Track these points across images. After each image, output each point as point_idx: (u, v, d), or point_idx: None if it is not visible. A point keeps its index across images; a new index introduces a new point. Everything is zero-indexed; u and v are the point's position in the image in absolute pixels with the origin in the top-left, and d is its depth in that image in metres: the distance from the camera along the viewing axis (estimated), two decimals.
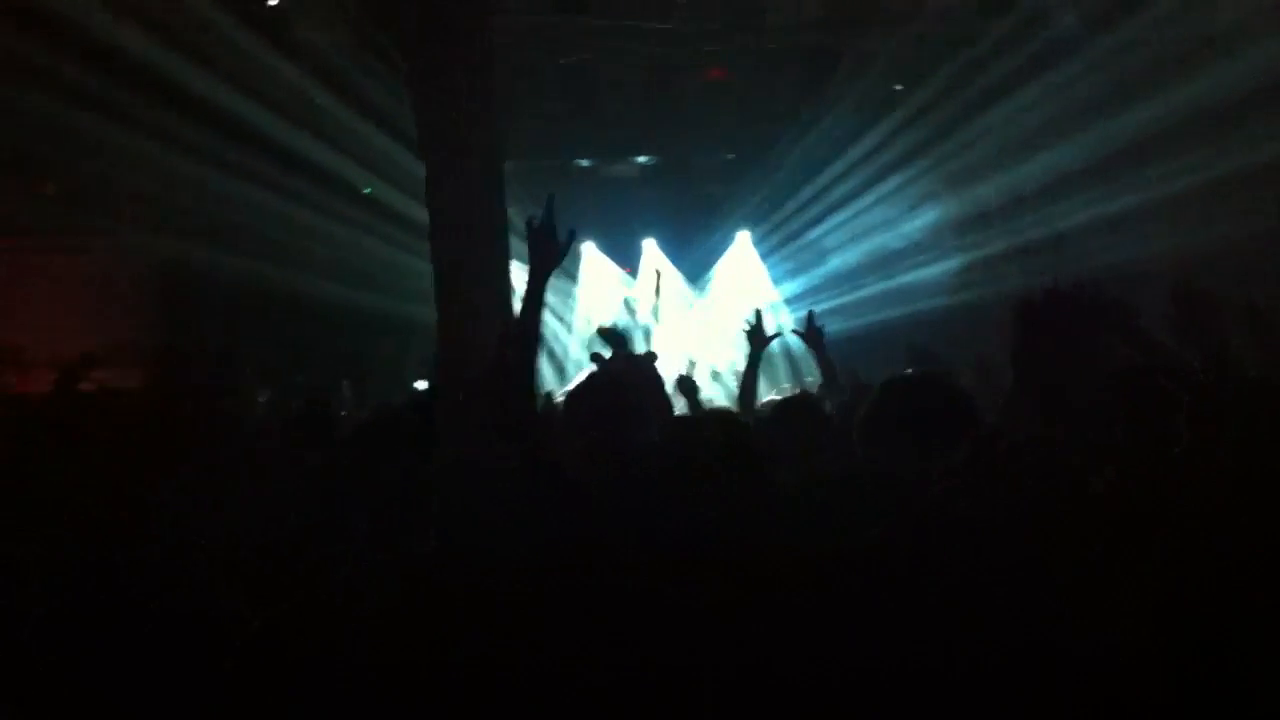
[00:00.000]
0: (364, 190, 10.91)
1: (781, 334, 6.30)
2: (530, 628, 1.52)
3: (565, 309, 13.78)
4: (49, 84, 8.22)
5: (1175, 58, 7.71)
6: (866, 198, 11.42)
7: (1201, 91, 7.44)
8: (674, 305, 13.76)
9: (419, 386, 10.09)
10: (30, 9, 7.81)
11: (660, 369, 5.36)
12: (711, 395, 7.70)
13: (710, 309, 13.62)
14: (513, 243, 8.46)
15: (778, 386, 7.75)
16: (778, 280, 13.07)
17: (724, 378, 9.06)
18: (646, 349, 12.07)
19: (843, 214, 11.77)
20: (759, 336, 5.42)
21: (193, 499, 2.70)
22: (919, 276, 11.26)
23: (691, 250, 13.83)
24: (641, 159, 12.50)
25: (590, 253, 13.73)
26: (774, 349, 7.87)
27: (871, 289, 11.57)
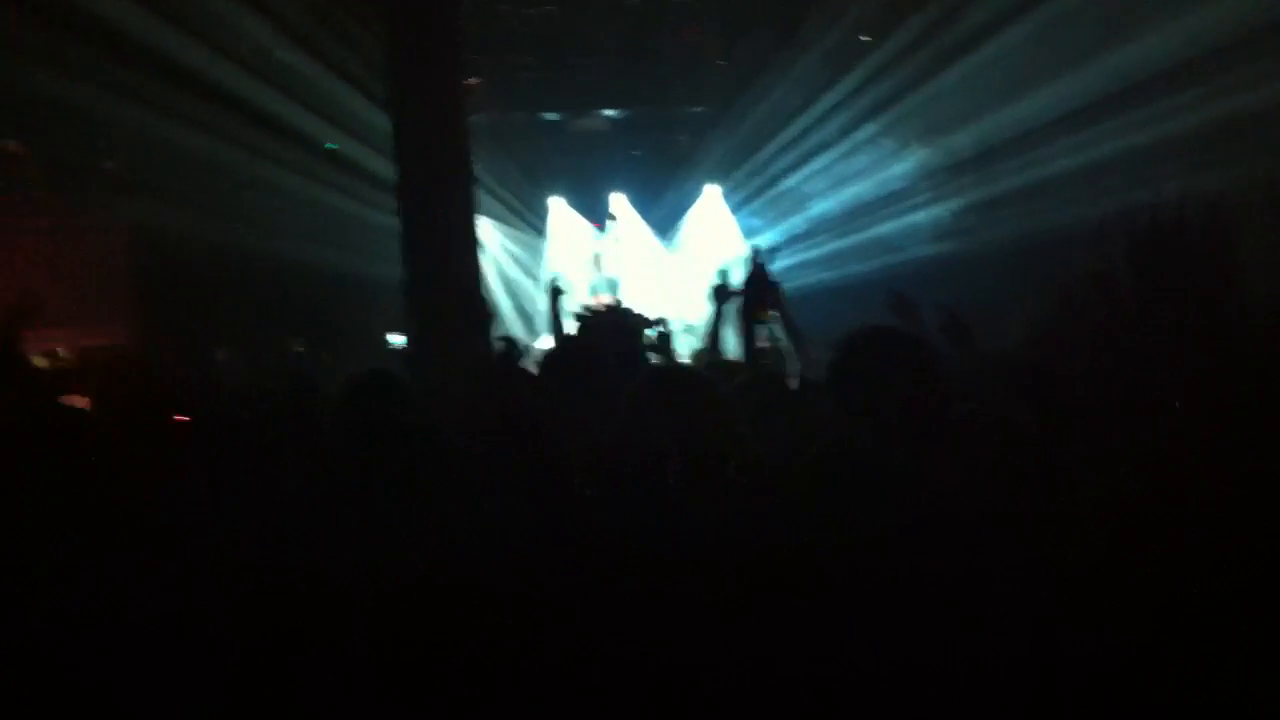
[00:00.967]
0: (326, 145, 10.76)
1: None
2: (529, 626, 1.49)
3: (534, 263, 13.74)
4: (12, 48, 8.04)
5: None
6: (839, 148, 11.38)
7: (1194, 28, 7.32)
8: (641, 258, 13.74)
9: (392, 342, 10.03)
10: None
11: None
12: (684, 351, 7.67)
13: (680, 262, 13.61)
14: (479, 197, 8.40)
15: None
16: (748, 233, 13.05)
17: (697, 330, 9.04)
18: (616, 300, 12.08)
19: (813, 165, 11.73)
20: (722, 292, 4.82)
21: (182, 491, 2.65)
22: (893, 227, 11.25)
23: (660, 204, 13.79)
24: (610, 112, 12.39)
25: (558, 207, 13.67)
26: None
27: (844, 240, 11.56)
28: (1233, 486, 1.68)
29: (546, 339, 9.68)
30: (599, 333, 3.81)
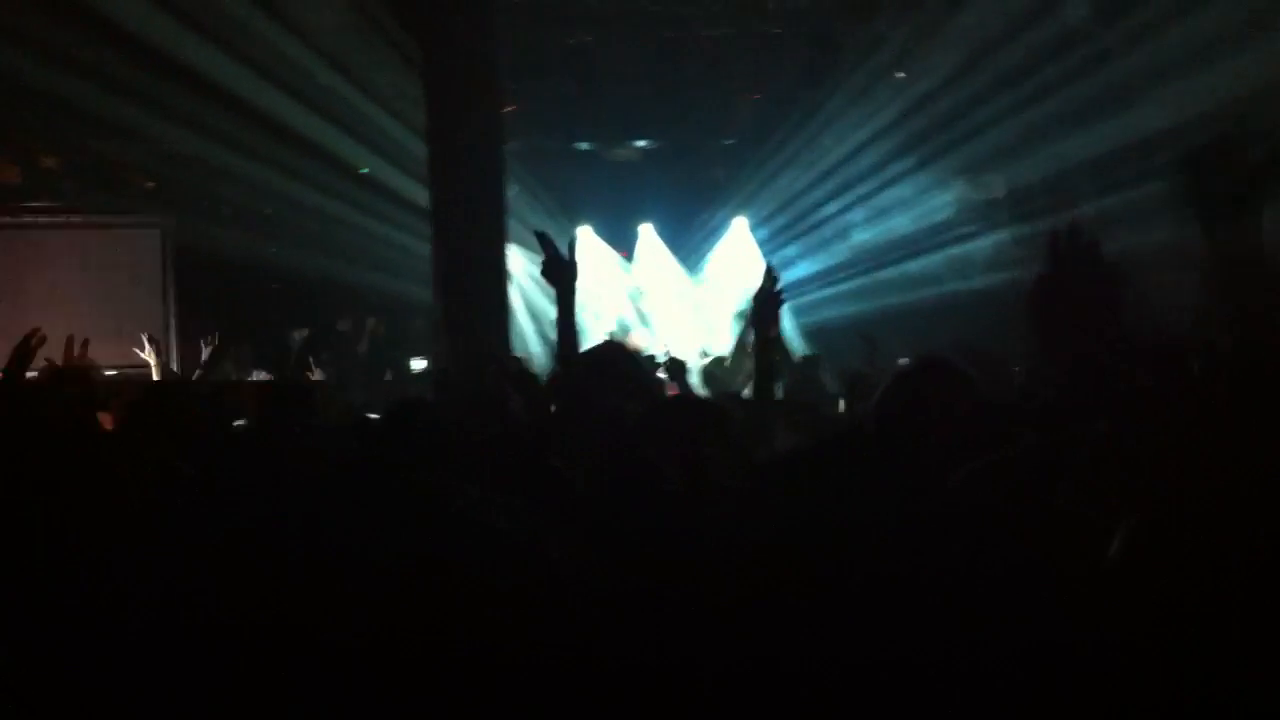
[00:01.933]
0: (361, 170, 10.84)
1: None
2: (529, 626, 1.49)
3: None
4: (55, 58, 8.15)
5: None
6: (870, 183, 11.39)
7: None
8: (667, 290, 13.77)
9: (415, 366, 10.06)
10: None
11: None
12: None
13: (705, 294, 13.62)
14: (510, 225, 8.45)
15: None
16: (778, 268, 13.02)
17: (718, 355, 9.05)
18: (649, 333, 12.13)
19: (845, 200, 11.74)
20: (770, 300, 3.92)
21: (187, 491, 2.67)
22: (927, 262, 11.22)
23: (688, 236, 13.82)
24: (641, 143, 12.45)
25: (586, 236, 13.70)
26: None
27: (875, 276, 11.53)
28: (1232, 484, 1.67)
29: None
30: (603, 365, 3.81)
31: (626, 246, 13.81)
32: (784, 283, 4.12)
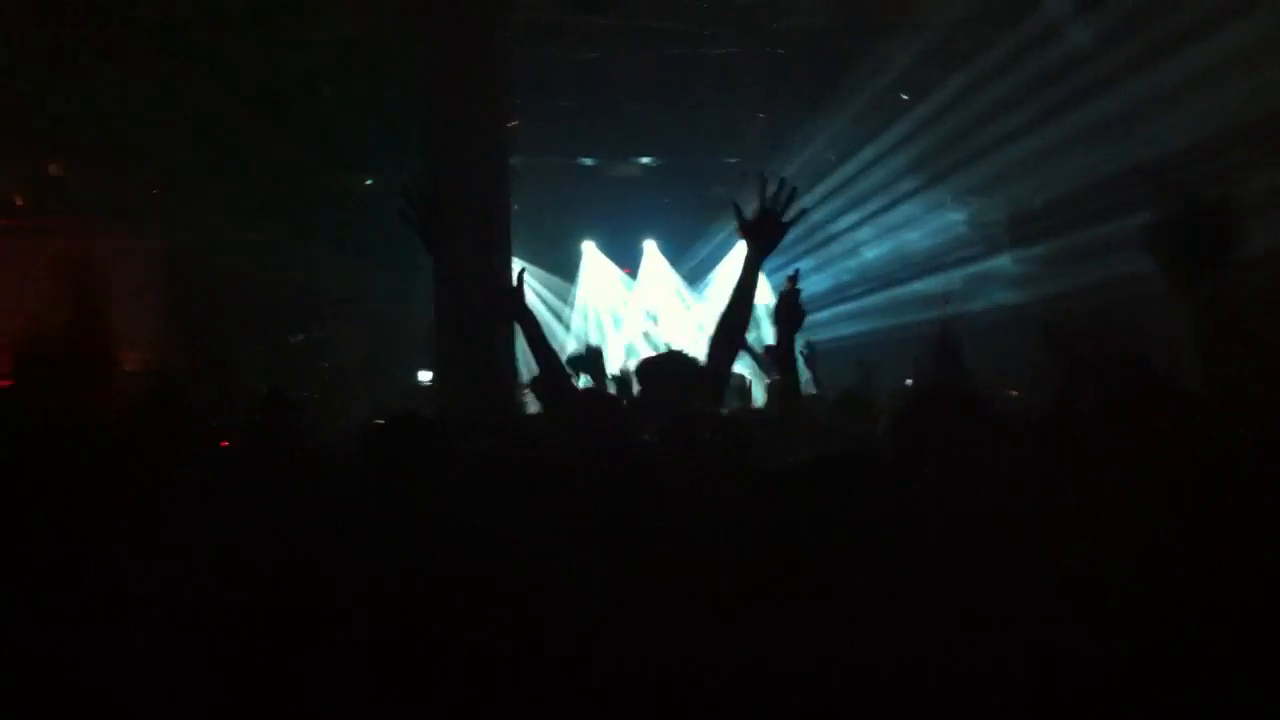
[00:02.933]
0: (366, 182, 10.85)
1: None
2: (528, 626, 1.49)
3: (561, 306, 13.78)
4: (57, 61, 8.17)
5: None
6: (872, 204, 11.40)
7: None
8: (676, 308, 13.80)
9: (422, 379, 10.04)
10: None
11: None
12: None
13: (708, 312, 13.62)
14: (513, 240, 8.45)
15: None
16: (778, 287, 13.04)
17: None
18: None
19: (847, 220, 11.75)
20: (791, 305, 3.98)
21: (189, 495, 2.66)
22: (927, 285, 11.22)
23: (692, 253, 13.82)
24: (645, 160, 12.47)
25: (590, 252, 13.72)
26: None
27: (879, 296, 11.53)
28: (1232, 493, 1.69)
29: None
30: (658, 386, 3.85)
31: (630, 263, 13.82)
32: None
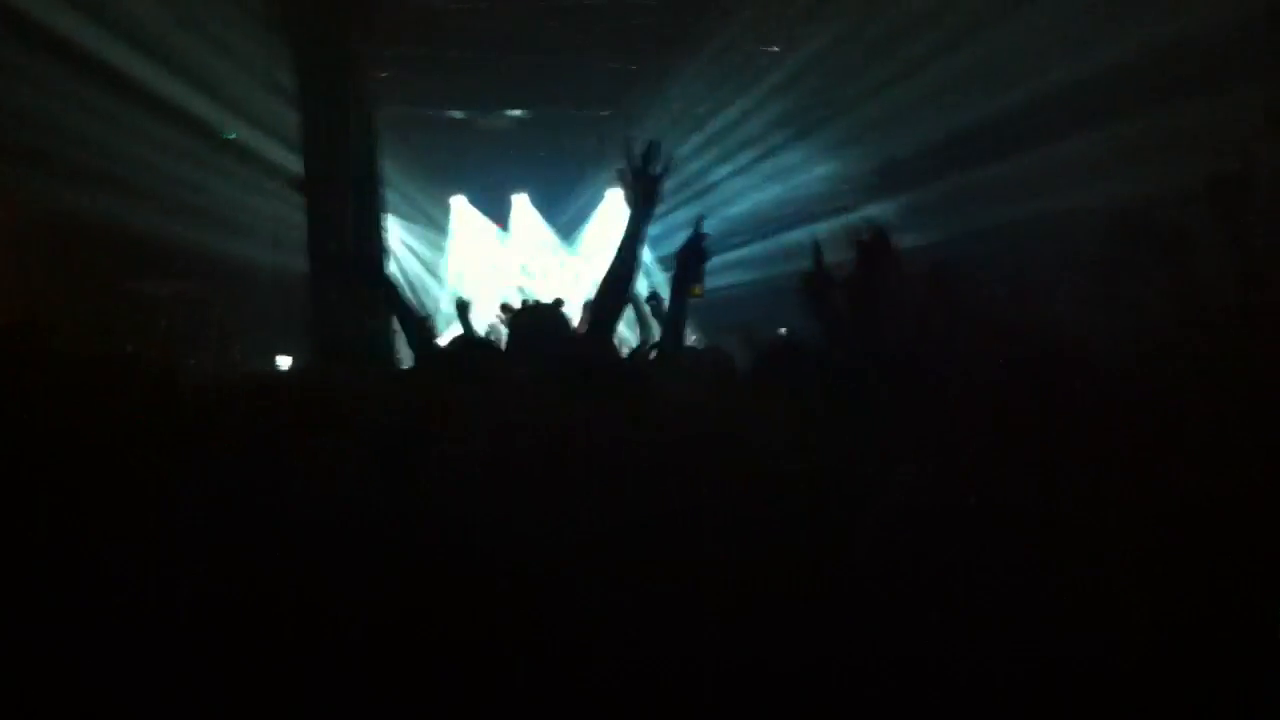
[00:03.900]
0: (226, 134, 10.47)
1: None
2: (527, 621, 1.47)
3: (435, 260, 13.60)
4: None
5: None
6: (744, 156, 11.48)
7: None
8: (549, 262, 13.75)
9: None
10: None
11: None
12: None
13: (582, 265, 13.61)
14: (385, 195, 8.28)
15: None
16: (651, 239, 13.07)
17: None
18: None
19: (720, 172, 11.81)
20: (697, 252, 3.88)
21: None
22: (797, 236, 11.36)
23: (564, 206, 13.76)
24: (516, 113, 12.32)
25: (460, 205, 13.55)
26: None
27: (752, 248, 11.63)
28: (1230, 482, 1.71)
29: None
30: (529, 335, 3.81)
31: (501, 218, 13.70)
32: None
